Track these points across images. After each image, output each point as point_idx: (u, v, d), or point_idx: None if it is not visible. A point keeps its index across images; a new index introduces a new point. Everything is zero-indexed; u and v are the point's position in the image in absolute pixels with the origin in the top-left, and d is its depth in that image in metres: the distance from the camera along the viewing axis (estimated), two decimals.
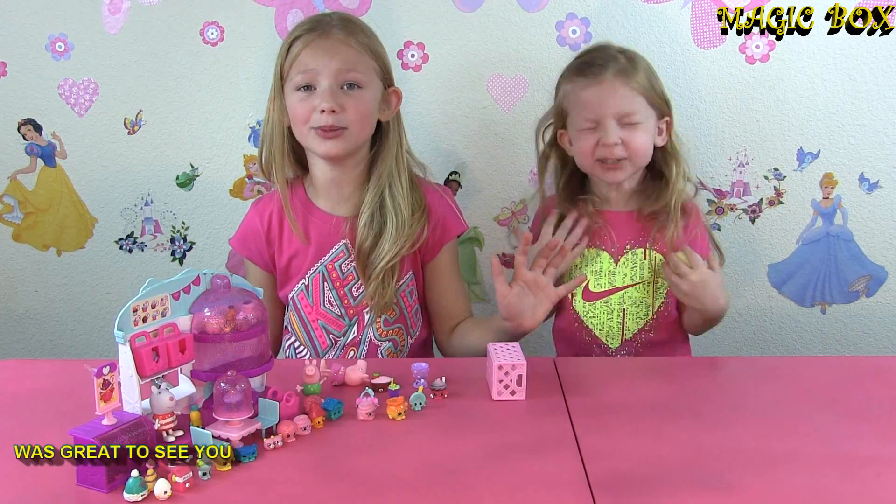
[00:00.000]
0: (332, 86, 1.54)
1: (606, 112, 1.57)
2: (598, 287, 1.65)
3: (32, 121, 1.94)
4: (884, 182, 1.90)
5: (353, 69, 1.55)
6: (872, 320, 1.97)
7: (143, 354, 1.09)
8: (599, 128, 1.58)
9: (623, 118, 1.57)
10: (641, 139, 1.58)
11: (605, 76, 1.57)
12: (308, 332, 1.65)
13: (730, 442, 1.17)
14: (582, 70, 1.61)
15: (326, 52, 1.54)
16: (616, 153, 1.57)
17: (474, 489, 1.04)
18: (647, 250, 1.64)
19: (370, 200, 1.59)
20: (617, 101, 1.57)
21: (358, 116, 1.55)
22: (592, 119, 1.58)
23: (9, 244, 2.01)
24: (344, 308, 1.63)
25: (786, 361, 1.63)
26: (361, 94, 1.56)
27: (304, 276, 1.63)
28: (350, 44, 1.56)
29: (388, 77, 1.62)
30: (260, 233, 1.66)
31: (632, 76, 1.58)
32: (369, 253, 1.58)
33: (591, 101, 1.58)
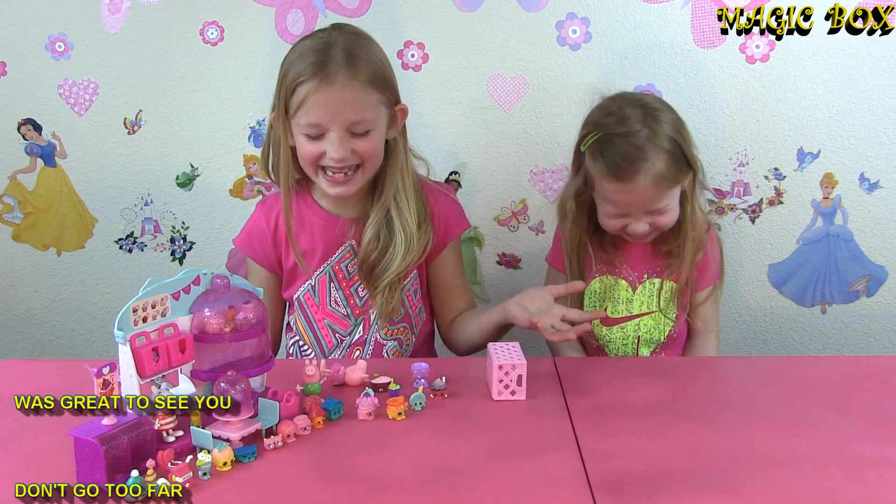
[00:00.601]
0: (341, 135, 1.49)
1: (638, 209, 1.54)
2: (615, 313, 1.65)
3: (32, 121, 1.94)
4: (884, 182, 1.90)
5: (360, 119, 1.49)
6: (872, 320, 1.97)
7: (143, 354, 1.09)
8: (628, 216, 1.56)
9: (655, 212, 1.55)
10: (669, 219, 1.57)
11: (639, 181, 1.50)
12: (314, 331, 1.65)
13: (730, 442, 1.17)
14: (611, 171, 1.51)
15: (334, 104, 1.47)
16: (643, 238, 1.59)
17: (474, 489, 1.04)
18: (663, 281, 1.63)
19: (375, 217, 1.57)
20: (649, 202, 1.53)
21: (369, 154, 1.52)
22: (623, 213, 1.56)
23: (9, 244, 2.01)
24: (350, 308, 1.63)
25: (786, 361, 1.63)
26: (370, 135, 1.51)
27: (310, 276, 1.63)
28: (355, 87, 1.48)
29: (394, 97, 1.56)
30: (266, 234, 1.65)
31: (668, 177, 1.51)
32: (374, 265, 1.57)
33: (622, 203, 1.54)
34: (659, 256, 1.64)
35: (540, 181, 1.93)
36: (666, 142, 1.51)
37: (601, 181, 1.54)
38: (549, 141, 1.90)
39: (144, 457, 1.05)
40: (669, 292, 1.64)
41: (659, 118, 1.52)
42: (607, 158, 1.51)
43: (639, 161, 1.49)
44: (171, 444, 1.11)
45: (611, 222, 1.58)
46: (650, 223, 1.56)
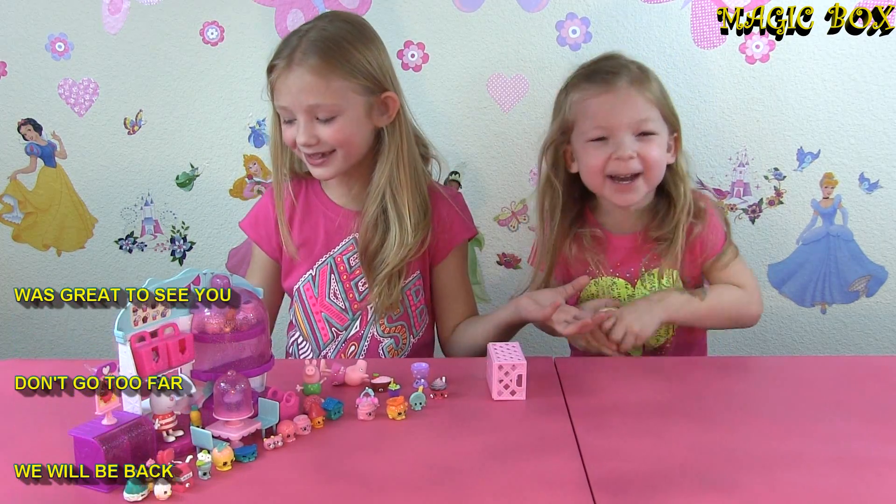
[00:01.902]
0: (306, 121, 1.50)
1: (621, 121, 1.46)
2: None
3: (32, 121, 1.94)
4: (884, 182, 1.90)
5: (320, 103, 1.49)
6: (872, 320, 1.97)
7: (143, 354, 1.09)
8: (612, 140, 1.48)
9: (639, 127, 1.47)
10: (658, 152, 1.48)
11: (619, 83, 1.48)
12: (311, 324, 1.65)
13: (730, 442, 1.17)
14: (592, 77, 1.51)
15: (294, 87, 1.49)
16: (631, 167, 1.46)
17: (474, 489, 1.04)
18: (662, 270, 1.56)
19: (369, 206, 1.57)
20: (632, 110, 1.47)
21: (337, 141, 1.51)
22: (604, 128, 1.48)
23: (9, 244, 2.01)
24: (349, 302, 1.63)
25: (786, 361, 1.63)
26: (336, 121, 1.50)
27: (311, 266, 1.63)
28: (319, 72, 1.48)
29: (376, 85, 1.53)
30: (271, 218, 1.65)
31: (646, 84, 1.50)
32: (374, 256, 1.58)
33: (602, 110, 1.48)
34: (649, 245, 1.55)
35: None
36: (654, 80, 1.52)
37: (581, 94, 1.51)
38: None
39: (144, 456, 1.05)
40: (671, 280, 1.56)
41: (646, 68, 1.54)
42: (588, 68, 1.54)
43: (620, 68, 1.50)
44: (171, 443, 1.11)
45: (594, 158, 1.48)
46: (638, 153, 1.46)
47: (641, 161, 1.47)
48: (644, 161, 1.47)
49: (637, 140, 1.47)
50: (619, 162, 1.47)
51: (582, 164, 1.53)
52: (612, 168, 1.48)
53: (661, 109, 1.50)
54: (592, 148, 1.49)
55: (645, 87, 1.50)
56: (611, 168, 1.48)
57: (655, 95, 1.50)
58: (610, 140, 1.48)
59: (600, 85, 1.49)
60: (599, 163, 1.48)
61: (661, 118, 1.50)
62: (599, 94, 1.49)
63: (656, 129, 1.48)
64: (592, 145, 1.49)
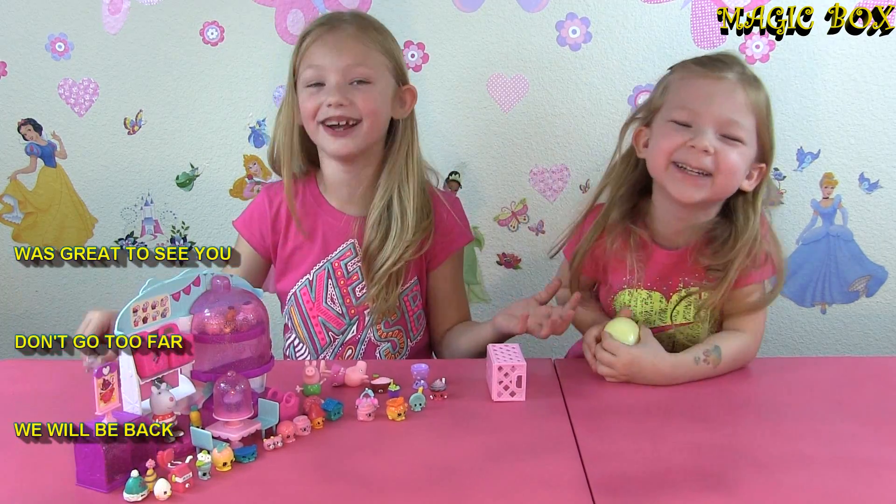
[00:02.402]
0: (340, 82, 1.51)
1: (710, 112, 1.35)
2: (650, 325, 1.48)
3: (32, 121, 1.94)
4: (884, 182, 1.90)
5: (361, 64, 1.52)
6: (872, 320, 1.97)
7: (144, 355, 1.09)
8: (693, 128, 1.36)
9: (726, 127, 1.36)
10: (736, 161, 1.35)
11: (728, 74, 1.38)
12: (308, 328, 1.65)
13: (729, 442, 1.17)
14: (702, 61, 1.42)
15: (335, 48, 1.53)
16: (703, 161, 1.34)
17: (474, 490, 1.04)
18: (700, 292, 1.45)
19: (379, 200, 1.57)
20: (727, 105, 1.36)
21: (368, 109, 1.52)
22: (691, 111, 1.37)
23: (9, 244, 2.01)
24: (345, 307, 1.63)
25: (786, 362, 1.63)
26: (370, 88, 1.53)
27: (308, 271, 1.63)
28: (360, 38, 1.54)
29: (401, 74, 1.59)
30: (267, 217, 1.65)
31: (754, 89, 1.39)
32: (376, 254, 1.57)
33: (699, 93, 1.37)
34: (692, 267, 1.45)
35: (540, 181, 1.93)
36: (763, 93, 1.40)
37: (685, 72, 1.41)
38: (549, 141, 1.90)
39: (144, 457, 1.05)
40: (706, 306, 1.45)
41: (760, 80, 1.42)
42: (703, 55, 1.44)
43: (736, 64, 1.40)
44: (171, 444, 1.11)
45: (668, 139, 1.36)
46: (716, 150, 1.34)
47: (716, 161, 1.35)
48: (719, 162, 1.35)
49: (719, 139, 1.36)
50: (692, 151, 1.35)
51: (653, 142, 1.41)
52: (681, 155, 1.36)
53: (757, 123, 1.38)
54: (671, 129, 1.38)
55: (752, 90, 1.39)
56: (681, 155, 1.36)
57: (759, 106, 1.39)
58: (692, 127, 1.37)
59: (707, 68, 1.39)
60: (672, 145, 1.36)
61: (755, 133, 1.38)
62: (702, 76, 1.39)
63: (744, 139, 1.36)
64: (672, 126, 1.38)
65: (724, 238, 1.42)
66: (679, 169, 1.37)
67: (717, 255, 1.41)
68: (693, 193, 1.37)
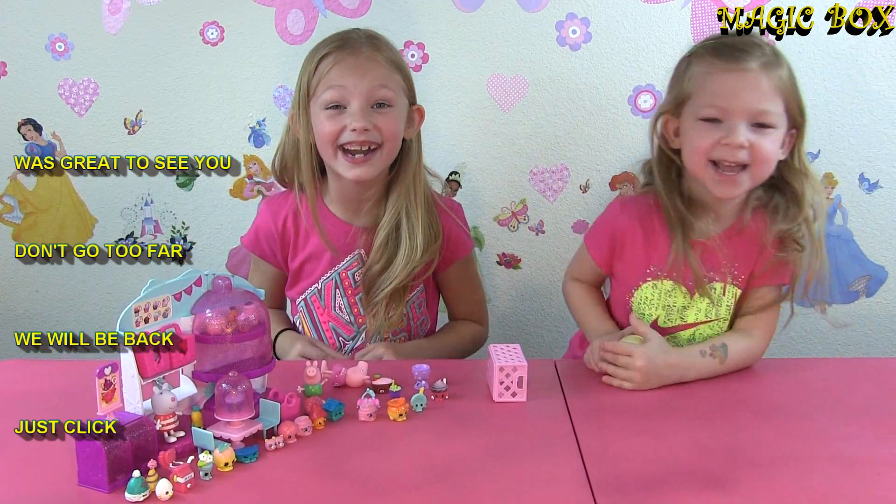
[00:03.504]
0: (363, 105, 1.50)
1: (740, 106, 1.35)
2: (667, 322, 1.48)
3: (32, 121, 1.94)
4: (884, 182, 1.90)
5: (384, 86, 1.52)
6: (872, 320, 1.97)
7: (145, 355, 1.09)
8: (725, 124, 1.36)
9: (757, 117, 1.35)
10: (771, 148, 1.36)
11: (749, 64, 1.36)
12: (319, 333, 1.65)
13: (730, 442, 1.17)
14: (720, 51, 1.39)
15: (357, 70, 1.51)
16: (739, 157, 1.35)
17: (475, 490, 1.04)
18: (726, 285, 1.45)
19: (387, 221, 1.57)
20: (756, 96, 1.35)
21: (389, 133, 1.52)
22: (721, 108, 1.36)
23: (9, 244, 2.01)
24: (353, 315, 1.63)
25: (785, 362, 1.63)
26: (391, 112, 1.52)
27: (317, 280, 1.63)
28: (379, 60, 1.53)
29: (412, 94, 1.60)
30: (274, 234, 1.64)
31: (777, 71, 1.37)
32: (378, 275, 1.57)
33: (724, 89, 1.36)
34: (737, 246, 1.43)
35: (540, 181, 1.93)
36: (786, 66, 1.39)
37: (706, 67, 1.38)
38: (549, 141, 1.90)
39: (146, 457, 1.05)
40: (732, 297, 1.46)
41: (780, 52, 1.41)
42: (717, 40, 1.42)
43: (753, 47, 1.38)
44: (172, 444, 1.11)
45: (702, 138, 1.36)
46: (751, 143, 1.34)
47: (751, 153, 1.35)
48: (754, 153, 1.35)
49: (751, 130, 1.35)
50: (728, 148, 1.35)
51: (687, 142, 1.41)
52: (718, 153, 1.36)
53: (786, 101, 1.38)
54: (703, 128, 1.37)
55: (776, 72, 1.37)
56: (717, 153, 1.36)
57: (784, 84, 1.38)
58: (723, 123, 1.36)
59: (728, 61, 1.37)
60: (707, 145, 1.36)
61: (784, 111, 1.38)
62: (725, 72, 1.37)
63: (775, 123, 1.36)
64: (703, 125, 1.37)
65: (784, 204, 1.42)
66: (717, 170, 1.37)
67: (787, 217, 1.41)
68: (734, 191, 1.39)
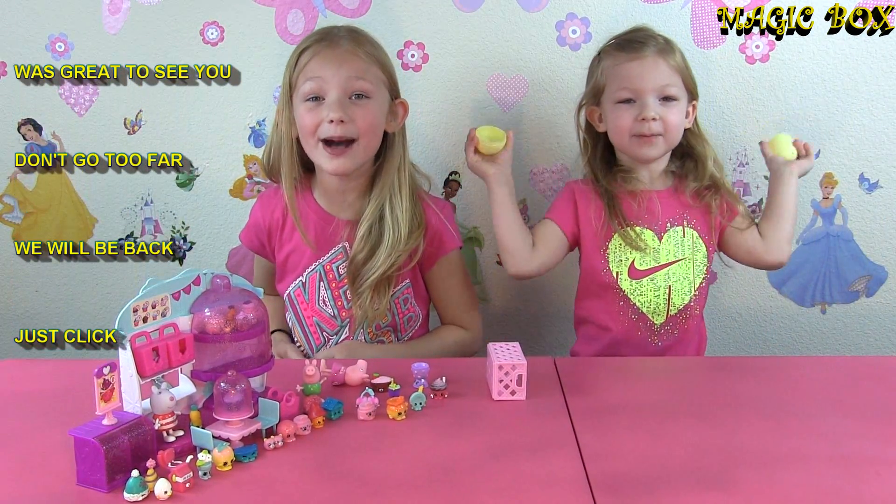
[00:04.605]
0: (340, 96, 1.53)
1: (647, 86, 1.61)
2: (643, 265, 1.66)
3: (32, 121, 1.94)
4: (884, 182, 1.90)
5: (361, 78, 1.55)
6: (872, 320, 1.97)
7: (144, 354, 1.09)
8: (638, 102, 1.61)
9: (662, 91, 1.61)
10: (677, 117, 1.63)
11: (647, 52, 1.62)
12: (303, 328, 1.66)
13: (730, 442, 1.17)
14: (623, 46, 1.65)
15: (334, 62, 1.54)
16: (654, 128, 1.60)
17: (474, 489, 1.04)
18: (685, 228, 1.66)
19: (370, 212, 1.59)
20: (658, 76, 1.61)
21: (367, 126, 1.54)
22: (632, 90, 1.61)
23: (9, 244, 2.01)
24: (337, 309, 1.64)
25: (786, 361, 1.63)
26: (369, 104, 1.55)
27: (301, 273, 1.64)
28: (358, 54, 1.56)
29: (394, 88, 1.63)
30: (262, 227, 1.68)
31: (670, 54, 1.64)
32: (362, 265, 1.58)
33: (631, 75, 1.62)
34: (680, 199, 1.67)
35: (540, 181, 1.93)
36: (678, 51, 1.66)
37: (612, 60, 1.65)
38: (549, 141, 1.90)
39: (144, 457, 1.05)
40: (692, 239, 1.66)
41: (671, 41, 1.67)
42: (619, 38, 1.68)
43: (649, 39, 1.64)
44: (171, 443, 1.11)
45: (621, 119, 1.62)
46: (661, 115, 1.60)
47: (663, 123, 1.61)
48: (665, 123, 1.61)
49: (660, 104, 1.61)
50: (644, 122, 1.61)
51: (610, 123, 1.66)
52: (636, 128, 1.62)
53: (682, 78, 1.65)
54: (621, 109, 1.63)
55: (670, 56, 1.63)
56: (636, 128, 1.62)
57: (679, 64, 1.64)
58: (636, 102, 1.62)
59: (630, 52, 1.63)
60: (627, 123, 1.62)
61: (683, 86, 1.64)
62: (629, 61, 1.63)
63: (677, 95, 1.63)
64: (621, 107, 1.63)
65: (694, 166, 1.69)
66: (637, 138, 1.63)
67: (696, 177, 1.68)
68: (651, 152, 1.64)
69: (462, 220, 1.93)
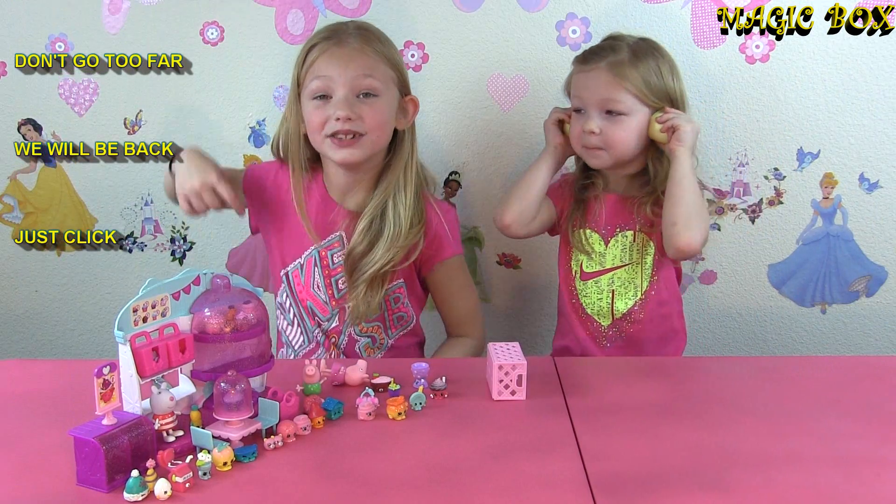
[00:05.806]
0: (347, 94, 1.53)
1: (590, 99, 1.60)
2: (590, 268, 1.69)
3: (32, 121, 1.94)
4: (884, 182, 1.90)
5: (369, 76, 1.54)
6: (872, 320, 1.97)
7: (144, 354, 1.09)
8: (584, 113, 1.62)
9: (604, 105, 1.59)
10: (624, 132, 1.59)
11: (596, 65, 1.60)
12: (299, 310, 1.67)
13: (729, 442, 1.17)
14: (583, 56, 1.66)
15: (342, 60, 1.54)
16: (592, 141, 1.60)
17: (474, 489, 1.04)
18: (636, 233, 1.66)
19: (373, 206, 1.59)
20: (601, 90, 1.59)
21: (375, 123, 1.55)
22: (580, 99, 1.62)
23: (9, 244, 2.01)
24: (328, 296, 1.64)
25: (785, 361, 1.63)
26: (377, 102, 1.55)
27: (300, 254, 1.64)
28: (366, 52, 1.56)
29: (404, 86, 1.62)
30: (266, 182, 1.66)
31: (625, 69, 1.58)
32: (360, 258, 1.59)
33: (579, 86, 1.63)
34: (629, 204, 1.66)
35: None
36: (643, 65, 1.59)
37: (574, 70, 1.67)
38: None
39: (144, 457, 1.05)
40: (642, 244, 1.66)
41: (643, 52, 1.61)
42: (586, 50, 1.68)
43: (607, 50, 1.62)
44: (171, 443, 1.11)
45: (574, 128, 1.64)
46: (602, 130, 1.59)
47: (604, 138, 1.60)
48: (606, 138, 1.60)
49: (603, 118, 1.60)
50: (585, 134, 1.61)
51: (570, 129, 1.67)
52: (583, 138, 1.62)
53: (639, 93, 1.59)
54: (574, 118, 1.65)
55: (628, 68, 1.58)
56: (582, 138, 1.63)
57: (633, 80, 1.58)
58: (584, 112, 1.62)
59: (583, 63, 1.64)
60: (577, 132, 1.64)
61: (639, 100, 1.59)
62: (580, 72, 1.64)
63: (625, 110, 1.59)
64: (575, 115, 1.65)
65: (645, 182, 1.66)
66: (585, 148, 1.63)
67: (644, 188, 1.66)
68: (595, 162, 1.65)
69: (462, 220, 1.93)
